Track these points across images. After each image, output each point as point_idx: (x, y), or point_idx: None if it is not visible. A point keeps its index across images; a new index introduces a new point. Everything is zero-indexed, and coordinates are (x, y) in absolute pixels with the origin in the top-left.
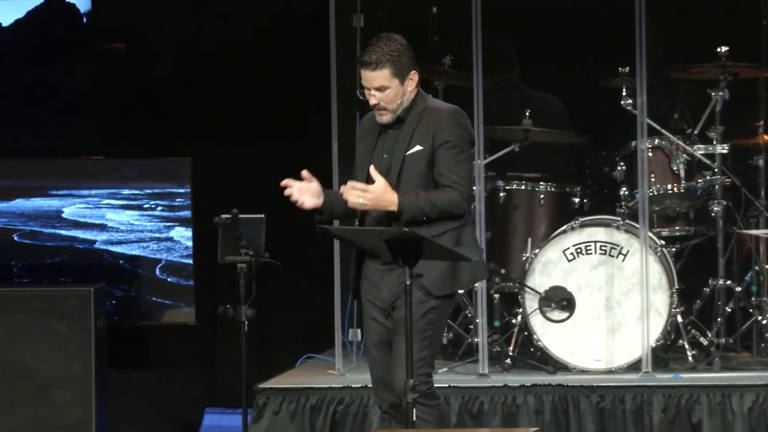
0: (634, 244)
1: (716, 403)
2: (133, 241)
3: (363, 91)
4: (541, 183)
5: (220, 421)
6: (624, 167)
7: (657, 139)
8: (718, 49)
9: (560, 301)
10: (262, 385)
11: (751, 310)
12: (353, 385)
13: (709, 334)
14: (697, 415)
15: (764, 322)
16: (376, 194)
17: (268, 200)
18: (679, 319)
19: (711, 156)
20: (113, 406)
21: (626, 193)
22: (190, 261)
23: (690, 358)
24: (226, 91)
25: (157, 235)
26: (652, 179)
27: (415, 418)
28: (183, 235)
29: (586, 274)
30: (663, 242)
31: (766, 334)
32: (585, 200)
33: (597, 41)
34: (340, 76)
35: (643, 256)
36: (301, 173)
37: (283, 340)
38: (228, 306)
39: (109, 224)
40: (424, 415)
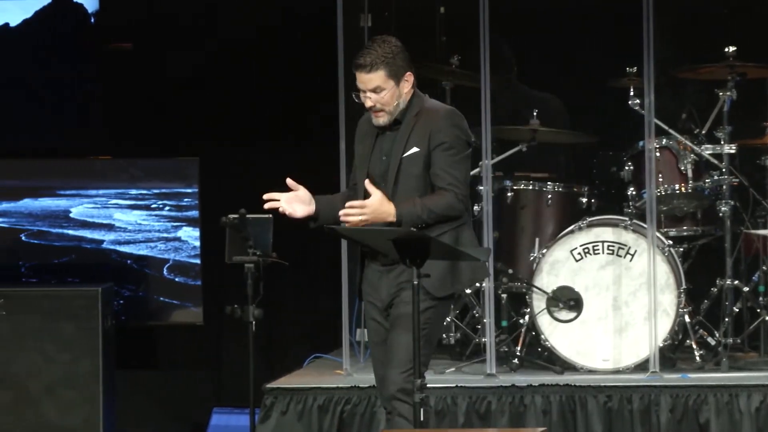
0: (641, 244)
1: (724, 403)
2: (141, 241)
3: (358, 94)
4: (549, 183)
5: (228, 421)
6: (631, 167)
7: (665, 139)
8: (726, 49)
9: (568, 301)
10: (269, 385)
11: (758, 310)
12: (361, 385)
13: (717, 334)
14: (705, 415)
15: None
16: (374, 207)
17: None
18: (687, 319)
19: (718, 156)
20: (121, 406)
21: (634, 193)
22: (197, 261)
23: (697, 358)
24: (229, 91)
25: (165, 235)
26: (660, 179)
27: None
28: (191, 235)
29: (594, 274)
30: (671, 242)
31: None
32: (592, 200)
33: (602, 41)
34: (347, 75)
35: (650, 256)
36: (286, 181)
37: (291, 340)
38: (235, 306)
39: (117, 224)
40: (403, 410)
